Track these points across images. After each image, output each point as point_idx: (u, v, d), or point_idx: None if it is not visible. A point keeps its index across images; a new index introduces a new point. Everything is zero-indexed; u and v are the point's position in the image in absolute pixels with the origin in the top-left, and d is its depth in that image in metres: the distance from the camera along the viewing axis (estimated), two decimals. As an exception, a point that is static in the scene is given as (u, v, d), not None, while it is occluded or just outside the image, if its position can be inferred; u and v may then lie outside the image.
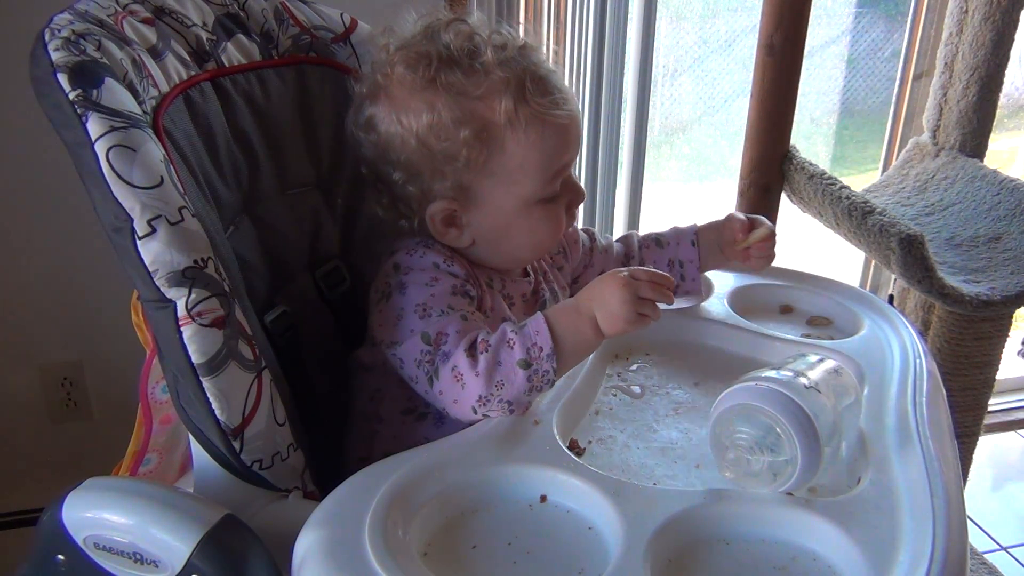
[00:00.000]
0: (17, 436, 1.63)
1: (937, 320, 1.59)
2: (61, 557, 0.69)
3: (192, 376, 0.70)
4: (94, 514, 0.68)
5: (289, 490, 0.77)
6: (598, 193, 1.77)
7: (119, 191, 0.67)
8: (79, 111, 0.68)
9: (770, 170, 1.46)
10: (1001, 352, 1.60)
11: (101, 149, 0.67)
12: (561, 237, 0.90)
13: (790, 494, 0.67)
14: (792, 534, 0.66)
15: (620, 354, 0.95)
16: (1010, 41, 1.62)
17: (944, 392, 0.88)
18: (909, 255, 1.34)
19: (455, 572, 0.63)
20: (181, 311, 0.69)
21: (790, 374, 0.69)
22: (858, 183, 1.74)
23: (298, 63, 0.95)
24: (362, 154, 0.88)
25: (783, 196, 1.51)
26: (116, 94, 0.70)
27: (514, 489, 0.70)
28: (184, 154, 0.77)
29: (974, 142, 1.70)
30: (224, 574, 0.65)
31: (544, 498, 0.69)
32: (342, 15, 1.00)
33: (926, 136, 1.78)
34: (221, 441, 0.72)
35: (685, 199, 2.50)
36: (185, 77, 0.81)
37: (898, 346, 0.93)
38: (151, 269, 0.68)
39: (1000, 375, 1.64)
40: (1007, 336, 1.58)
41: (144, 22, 0.80)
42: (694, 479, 0.75)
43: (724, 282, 1.09)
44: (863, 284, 2.17)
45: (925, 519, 0.65)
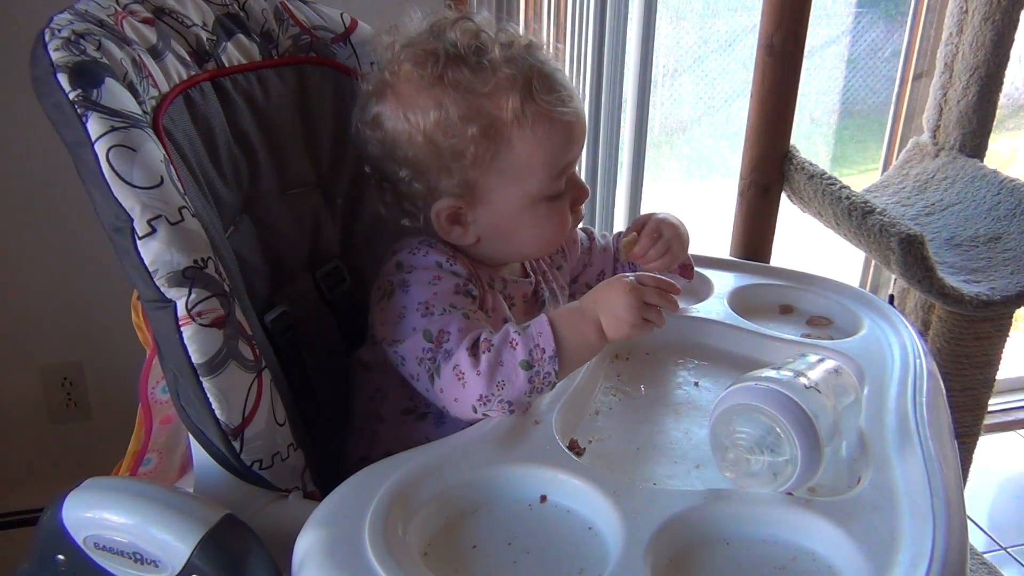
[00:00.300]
0: (17, 436, 1.63)
1: (937, 320, 1.59)
2: (61, 557, 0.69)
3: (192, 376, 0.70)
4: (94, 514, 0.68)
5: (289, 490, 0.77)
6: (598, 193, 1.77)
7: (119, 191, 0.67)
8: (79, 111, 0.68)
9: (770, 170, 1.45)
10: (1001, 352, 1.59)
11: (101, 149, 0.67)
12: (566, 234, 0.90)
13: (790, 494, 0.67)
14: (792, 534, 0.66)
15: (620, 354, 0.95)
16: (1010, 41, 1.62)
17: (944, 392, 0.88)
18: (909, 255, 1.34)
19: (455, 572, 0.63)
20: (181, 311, 0.69)
21: (790, 374, 0.69)
22: (858, 183, 1.74)
23: (298, 63, 0.95)
24: (367, 152, 0.87)
25: (783, 196, 1.51)
26: (116, 94, 0.70)
27: (514, 489, 0.70)
28: (184, 154, 0.77)
29: (974, 142, 1.70)
30: (224, 574, 0.65)
31: (544, 498, 0.69)
32: (342, 15, 1.00)
33: (926, 136, 1.78)
34: (221, 441, 0.72)
35: (685, 199, 2.50)
36: (185, 77, 0.81)
37: (898, 346, 0.93)
38: (151, 269, 0.68)
39: (1000, 375, 1.64)
40: (1007, 336, 1.58)
41: (144, 22, 0.80)
42: (694, 479, 0.75)
43: (724, 282, 1.09)
44: (863, 284, 2.17)
45: (925, 519, 0.65)
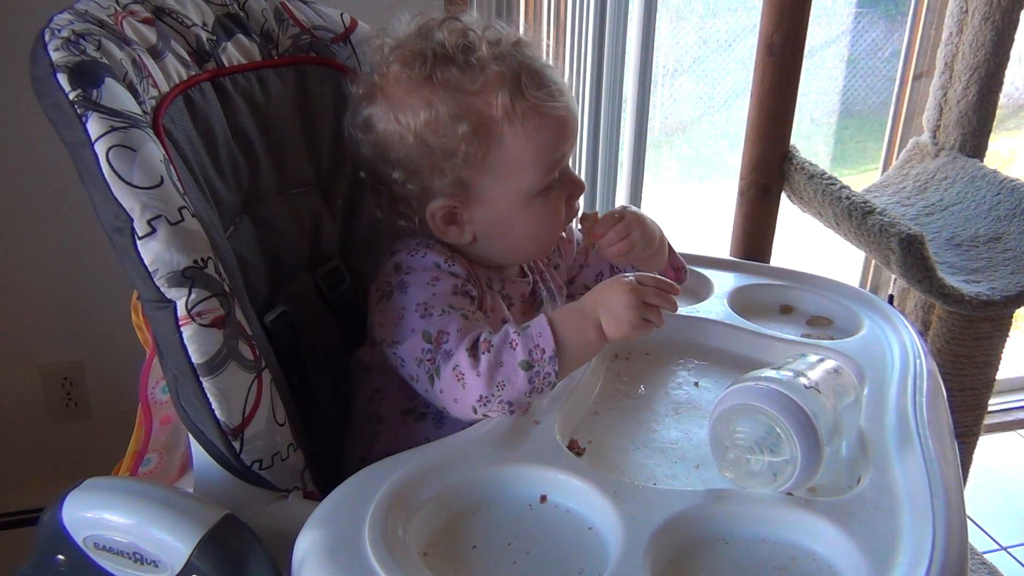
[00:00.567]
0: (17, 436, 1.63)
1: (937, 320, 1.59)
2: (61, 557, 0.69)
3: (192, 376, 0.70)
4: (94, 514, 0.68)
5: (289, 490, 0.77)
6: (598, 193, 1.77)
7: (119, 191, 0.67)
8: (79, 111, 0.68)
9: (770, 170, 1.45)
10: (1001, 352, 1.59)
11: (101, 149, 0.67)
12: (563, 230, 0.90)
13: (790, 494, 0.67)
14: (792, 534, 0.66)
15: (620, 354, 0.95)
16: (1010, 41, 1.62)
17: (944, 392, 0.88)
18: (909, 255, 1.34)
19: (455, 572, 0.63)
20: (181, 311, 0.69)
21: (790, 374, 0.69)
22: (858, 183, 1.74)
23: (298, 63, 0.95)
24: (361, 155, 0.87)
25: (783, 196, 1.51)
26: (116, 94, 0.70)
27: (514, 489, 0.70)
28: (184, 154, 0.77)
29: (974, 142, 1.70)
30: (224, 574, 0.65)
31: (544, 498, 0.69)
32: (342, 15, 1.00)
33: (926, 136, 1.78)
34: (221, 441, 0.72)
35: (685, 199, 2.50)
36: (185, 77, 0.81)
37: (898, 346, 0.93)
38: (151, 269, 0.68)
39: (1000, 375, 1.64)
40: (1007, 336, 1.57)
41: (144, 22, 0.80)
42: (694, 479, 0.75)
43: (724, 282, 1.09)
44: (863, 284, 2.17)
45: (925, 519, 0.65)
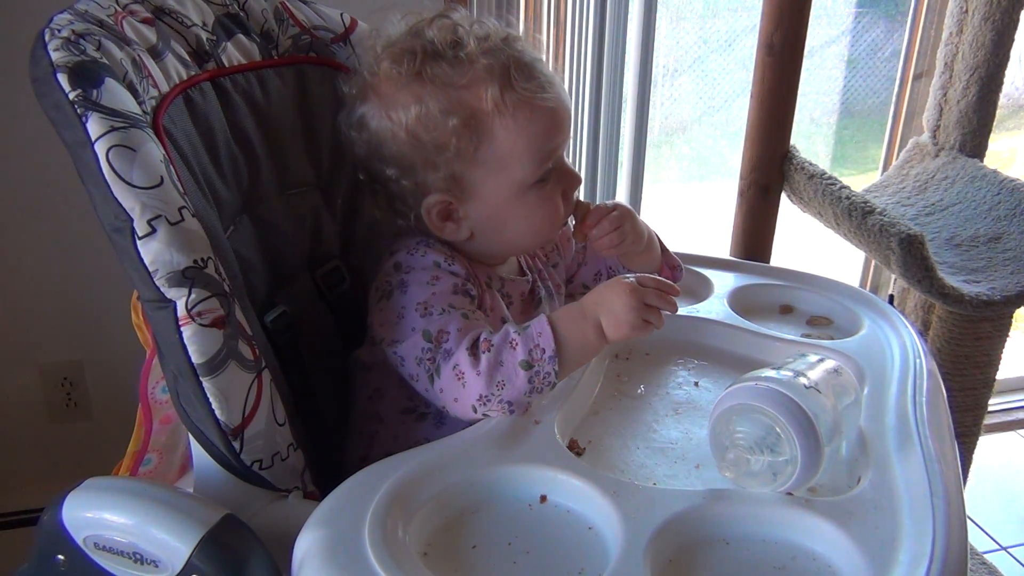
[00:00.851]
0: (17, 436, 1.63)
1: (937, 320, 1.59)
2: (61, 557, 0.69)
3: (192, 376, 0.70)
4: (94, 514, 0.68)
5: (289, 490, 0.77)
6: (598, 193, 1.77)
7: (119, 191, 0.67)
8: (79, 111, 0.68)
9: (770, 170, 1.46)
10: (1001, 352, 1.59)
11: (101, 149, 0.67)
12: (560, 223, 0.89)
13: (790, 494, 0.67)
14: (792, 534, 0.66)
15: (620, 354, 0.95)
16: (1010, 41, 1.62)
17: (944, 392, 0.88)
18: (909, 255, 1.34)
19: (455, 572, 0.63)
20: (181, 311, 0.69)
21: (790, 374, 0.69)
22: (858, 183, 1.74)
23: (298, 63, 0.95)
24: (356, 155, 0.88)
25: (783, 196, 1.51)
26: (116, 94, 0.70)
27: (514, 489, 0.70)
28: (184, 154, 0.77)
29: (974, 142, 1.70)
30: (224, 574, 0.65)
31: (544, 498, 0.69)
32: (342, 15, 1.00)
33: (926, 136, 1.78)
34: (221, 441, 0.72)
35: (685, 199, 2.50)
36: (185, 77, 0.81)
37: (898, 346, 0.93)
38: (151, 269, 0.68)
39: (1000, 375, 1.64)
40: (1007, 336, 1.58)
41: (144, 22, 0.80)
42: (694, 479, 0.75)
43: (724, 282, 1.09)
44: (863, 284, 2.17)
45: (925, 519, 0.65)
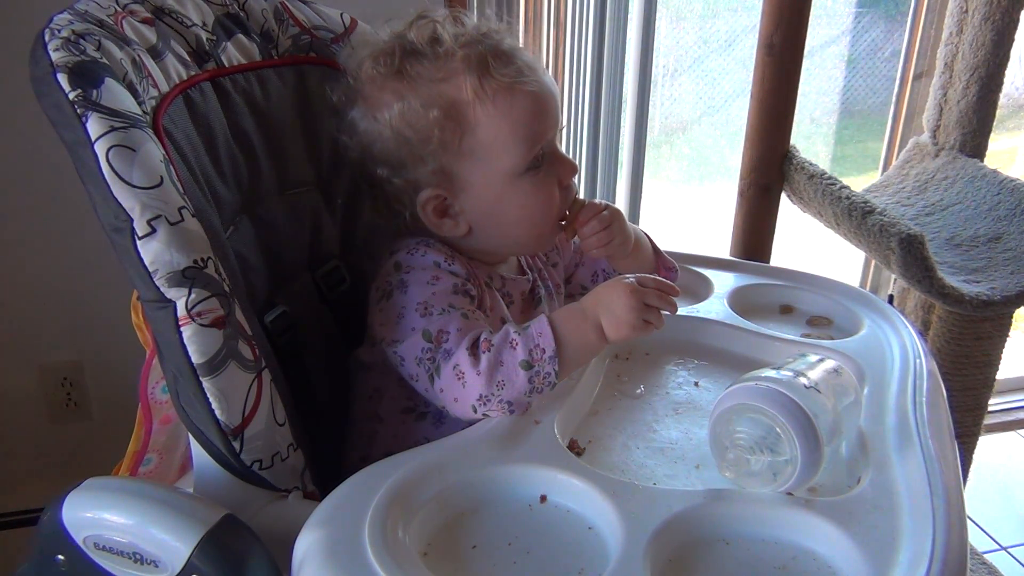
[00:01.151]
0: (17, 436, 1.63)
1: (937, 320, 1.59)
2: (61, 557, 0.69)
3: (192, 376, 0.70)
4: (94, 514, 0.68)
5: (289, 490, 0.77)
6: (598, 193, 1.77)
7: (119, 191, 0.67)
8: (79, 111, 0.68)
9: (770, 170, 1.46)
10: (1001, 352, 1.59)
11: (101, 149, 0.67)
12: (558, 212, 0.88)
13: (790, 494, 0.67)
14: (792, 534, 0.66)
15: (620, 354, 0.95)
16: (1010, 41, 1.62)
17: (944, 392, 0.88)
18: (909, 255, 1.34)
19: (455, 572, 0.63)
20: (181, 311, 0.69)
21: (790, 374, 0.69)
22: (858, 183, 1.74)
23: (298, 63, 0.95)
24: (350, 159, 0.89)
25: (783, 196, 1.51)
26: (116, 94, 0.70)
27: (514, 489, 0.70)
28: (184, 154, 0.77)
29: (974, 142, 1.70)
30: (224, 574, 0.65)
31: (544, 498, 0.69)
32: (342, 15, 1.00)
33: (926, 136, 1.78)
34: (221, 441, 0.72)
35: (685, 199, 2.51)
36: (185, 77, 0.81)
37: (898, 346, 0.93)
38: (151, 269, 0.68)
39: (1000, 375, 1.64)
40: (1007, 336, 1.58)
41: (144, 22, 0.80)
42: (694, 479, 0.75)
43: (724, 282, 1.09)
44: (863, 284, 2.17)
45: (925, 519, 0.65)
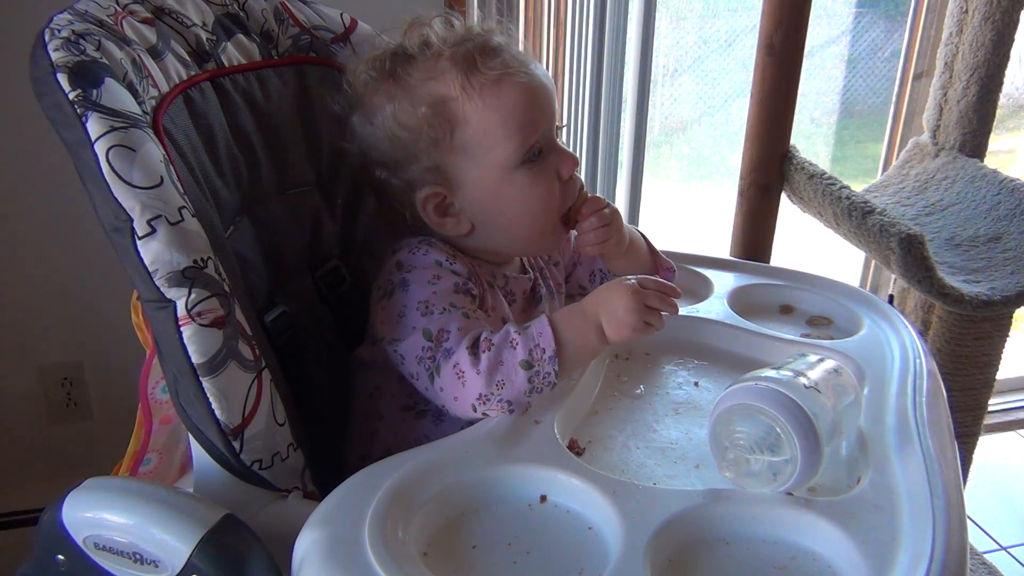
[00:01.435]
0: (17, 436, 1.64)
1: (937, 320, 1.59)
2: (61, 557, 0.69)
3: (192, 376, 0.70)
4: (94, 514, 0.68)
5: (289, 490, 0.77)
6: (597, 193, 1.76)
7: (119, 191, 0.67)
8: (79, 111, 0.68)
9: (770, 170, 1.45)
10: (1001, 352, 1.59)
11: (101, 149, 0.67)
12: (557, 206, 0.87)
13: (790, 494, 0.67)
14: (792, 534, 0.66)
15: (620, 354, 0.95)
16: (1010, 41, 1.62)
17: (944, 392, 0.88)
18: (909, 255, 1.34)
19: (455, 572, 0.63)
20: (181, 311, 0.69)
21: (790, 374, 0.69)
22: (858, 183, 1.74)
23: (298, 63, 0.95)
24: (353, 165, 0.91)
25: (783, 196, 1.51)
26: (116, 94, 0.70)
27: (514, 489, 0.70)
28: (184, 154, 0.77)
29: (974, 142, 1.70)
30: (224, 574, 0.65)
31: (544, 498, 0.69)
32: (342, 15, 1.00)
33: (926, 136, 1.78)
34: (221, 441, 0.72)
35: (685, 199, 2.51)
36: (185, 77, 0.81)
37: (898, 346, 0.93)
38: (151, 269, 0.68)
39: (1000, 375, 1.64)
40: (1007, 336, 1.57)
41: (144, 22, 0.80)
42: (694, 479, 0.75)
43: (724, 282, 1.09)
44: (863, 284, 2.17)
45: (925, 519, 0.65)
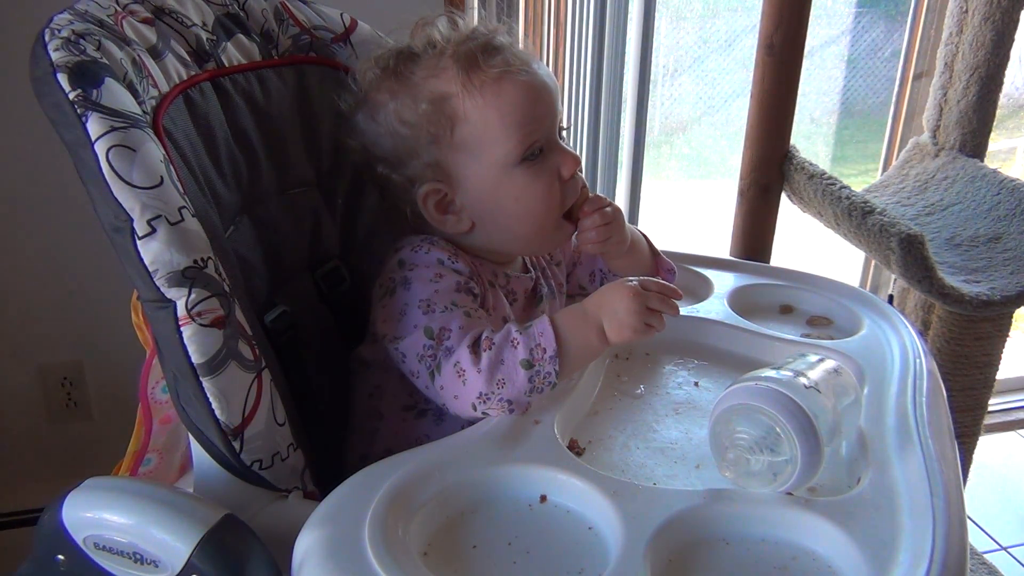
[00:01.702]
0: (17, 436, 1.64)
1: (937, 320, 1.59)
2: (61, 557, 0.69)
3: (192, 376, 0.70)
4: (94, 514, 0.68)
5: (289, 490, 0.77)
6: (598, 193, 1.77)
7: (119, 191, 0.67)
8: (79, 111, 0.68)
9: (770, 170, 1.45)
10: (1001, 352, 1.59)
11: (101, 149, 0.67)
12: (558, 205, 0.87)
13: (790, 494, 0.67)
14: (792, 534, 0.66)
15: (620, 354, 0.95)
16: (1010, 41, 1.62)
17: (944, 392, 0.88)
18: (909, 255, 1.34)
19: (455, 572, 0.63)
20: (181, 311, 0.69)
21: (790, 374, 0.69)
22: (858, 183, 1.74)
23: (298, 63, 0.95)
24: (355, 162, 0.91)
25: (783, 196, 1.51)
26: (116, 94, 0.70)
27: (514, 489, 0.70)
28: (184, 154, 0.77)
29: (974, 142, 1.70)
30: (224, 574, 0.65)
31: (544, 498, 0.69)
32: (342, 15, 1.00)
33: (926, 136, 1.78)
34: (221, 441, 0.72)
35: (685, 199, 2.51)
36: (185, 77, 0.81)
37: (898, 346, 0.93)
38: (151, 269, 0.68)
39: (1000, 375, 1.64)
40: (1007, 336, 1.57)
41: (144, 22, 0.80)
42: (694, 479, 0.75)
43: (724, 282, 1.09)
44: (863, 284, 2.17)
45: (925, 519, 0.65)
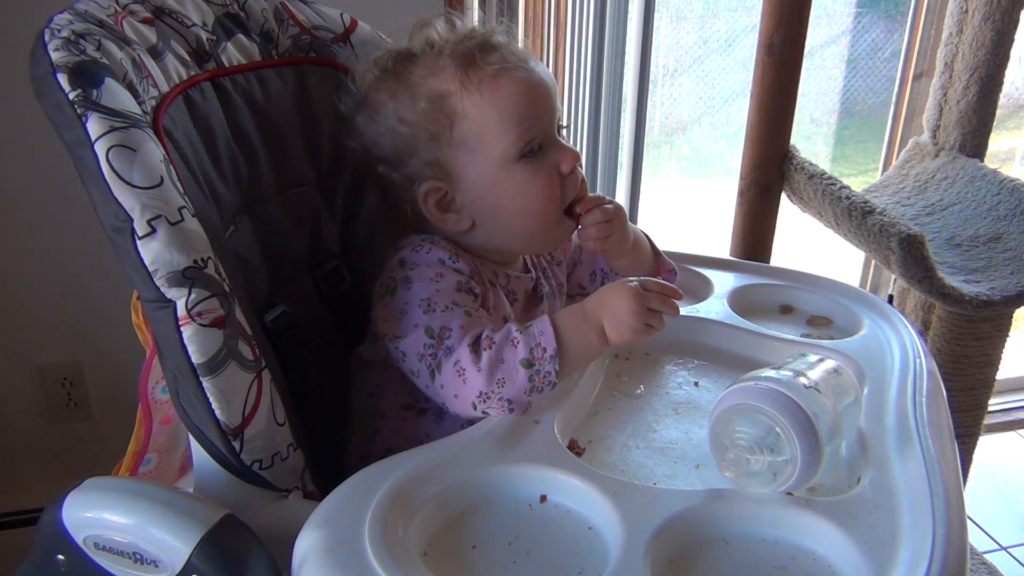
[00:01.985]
0: (17, 436, 1.64)
1: (937, 320, 1.59)
2: (61, 557, 0.69)
3: (192, 376, 0.70)
4: (94, 514, 0.68)
5: (289, 490, 0.77)
6: (597, 192, 1.77)
7: (119, 191, 0.67)
8: (79, 111, 0.68)
9: (770, 170, 1.46)
10: (1001, 352, 1.59)
11: (101, 149, 0.67)
12: (557, 202, 0.87)
13: (790, 494, 0.67)
14: (792, 534, 0.66)
15: (620, 354, 0.95)
16: (1010, 41, 1.62)
17: (944, 392, 0.88)
18: (909, 255, 1.34)
19: (455, 572, 0.63)
20: (181, 311, 0.69)
21: (790, 374, 0.69)
22: (858, 183, 1.74)
23: (298, 63, 0.95)
24: (357, 163, 0.91)
25: (783, 196, 1.51)
26: (116, 94, 0.70)
27: (514, 489, 0.70)
28: (184, 154, 0.77)
29: (974, 142, 1.70)
30: (224, 574, 0.65)
31: (544, 498, 0.69)
32: (342, 15, 1.00)
33: (926, 136, 1.78)
34: (221, 441, 0.72)
35: (685, 199, 2.51)
36: (185, 77, 0.81)
37: (898, 346, 0.93)
38: (151, 269, 0.68)
39: (1000, 375, 1.64)
40: (1007, 336, 1.58)
41: (144, 22, 0.80)
42: (694, 479, 0.75)
43: (724, 282, 1.09)
44: (863, 284, 2.17)
45: (925, 519, 0.65)
